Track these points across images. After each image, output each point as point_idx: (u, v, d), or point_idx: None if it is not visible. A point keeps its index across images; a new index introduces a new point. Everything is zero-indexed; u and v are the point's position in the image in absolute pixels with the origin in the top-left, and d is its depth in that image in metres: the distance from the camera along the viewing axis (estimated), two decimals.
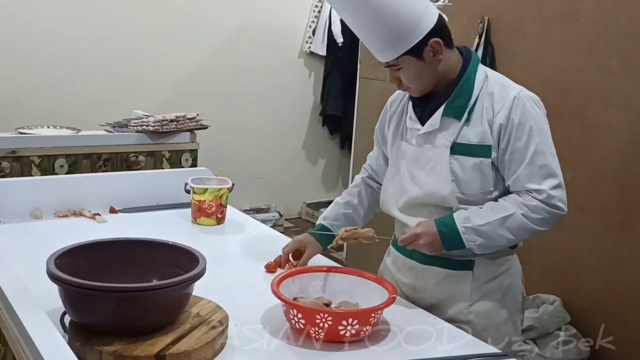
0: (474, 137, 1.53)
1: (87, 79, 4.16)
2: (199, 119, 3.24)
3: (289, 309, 1.38)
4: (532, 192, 1.50)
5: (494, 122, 1.52)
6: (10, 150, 2.74)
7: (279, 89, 5.00)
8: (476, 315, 1.58)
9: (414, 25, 1.48)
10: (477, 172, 1.54)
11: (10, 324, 1.20)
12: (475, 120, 1.54)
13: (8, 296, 1.23)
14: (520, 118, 1.51)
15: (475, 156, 1.53)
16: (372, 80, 3.70)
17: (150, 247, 1.46)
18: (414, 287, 1.65)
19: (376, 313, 1.37)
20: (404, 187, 1.64)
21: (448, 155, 1.55)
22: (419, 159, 1.61)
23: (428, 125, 1.58)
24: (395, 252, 1.73)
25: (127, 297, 1.22)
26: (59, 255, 1.32)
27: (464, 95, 1.55)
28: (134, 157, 3.02)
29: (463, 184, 1.54)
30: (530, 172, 1.50)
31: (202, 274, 1.31)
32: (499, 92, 1.54)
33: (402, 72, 1.54)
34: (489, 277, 1.60)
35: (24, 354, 1.11)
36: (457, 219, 1.51)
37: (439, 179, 1.56)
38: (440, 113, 1.56)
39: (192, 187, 2.13)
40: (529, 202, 1.50)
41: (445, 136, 1.56)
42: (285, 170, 5.17)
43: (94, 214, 2.12)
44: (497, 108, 1.52)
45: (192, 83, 4.59)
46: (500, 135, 1.52)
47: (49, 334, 1.10)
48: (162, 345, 1.22)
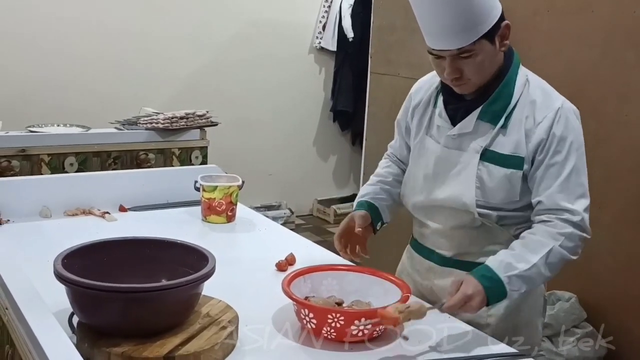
0: (508, 147, 1.46)
1: (96, 77, 4.16)
2: (209, 116, 3.23)
3: (300, 308, 1.35)
4: (565, 212, 1.43)
5: (534, 133, 1.44)
6: (20, 148, 2.73)
7: (289, 85, 4.97)
8: (496, 318, 1.54)
9: (490, 5, 1.41)
10: (506, 183, 1.47)
11: (17, 326, 1.18)
12: (512, 128, 1.46)
13: (16, 298, 1.21)
14: (562, 132, 1.44)
15: (507, 167, 1.46)
16: (383, 75, 3.66)
17: (159, 246, 1.43)
18: (431, 289, 1.62)
19: None
20: (426, 186, 1.58)
21: (477, 161, 1.48)
22: (445, 160, 1.54)
23: (460, 127, 1.51)
24: (413, 253, 1.69)
25: (135, 298, 1.20)
26: (67, 255, 1.30)
27: (503, 99, 1.47)
28: (143, 154, 3.01)
29: (488, 192, 1.48)
30: (566, 189, 1.43)
31: (211, 274, 1.29)
32: (541, 101, 1.46)
33: (470, 61, 1.41)
34: None
35: (31, 356, 1.09)
36: (496, 269, 1.39)
37: (463, 184, 1.50)
38: (475, 116, 1.48)
39: (201, 184, 2.10)
40: (562, 230, 1.42)
41: (478, 141, 1.49)
42: (296, 167, 5.14)
43: (104, 212, 2.10)
44: (538, 118, 1.45)
45: (202, 80, 4.58)
46: (539, 148, 1.44)
47: (57, 336, 1.08)
48: (171, 346, 1.20)
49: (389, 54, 3.49)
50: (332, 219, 5.14)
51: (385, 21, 3.52)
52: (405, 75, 3.41)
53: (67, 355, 1.02)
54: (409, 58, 3.29)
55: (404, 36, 3.34)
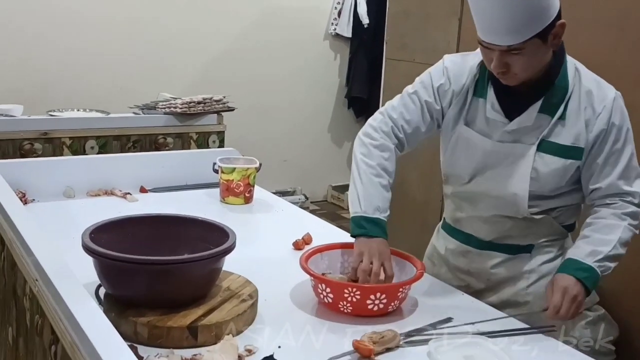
0: (568, 138, 1.47)
1: (115, 63, 4.21)
2: (226, 101, 3.26)
3: (317, 283, 1.39)
4: (627, 195, 1.49)
5: (594, 124, 1.46)
6: (43, 132, 2.78)
7: (304, 71, 5.00)
8: (534, 296, 1.58)
9: (548, 4, 1.37)
10: (560, 173, 1.49)
11: (48, 296, 1.24)
12: (570, 119, 1.47)
13: (46, 269, 1.26)
14: (620, 121, 1.48)
15: (566, 157, 1.48)
16: (398, 61, 3.67)
17: (181, 223, 1.48)
18: (468, 271, 1.64)
19: (404, 288, 1.38)
20: (471, 176, 1.57)
21: (534, 153, 1.48)
22: (498, 152, 1.52)
23: (519, 121, 1.49)
24: (448, 237, 1.70)
25: (160, 270, 1.25)
26: (94, 229, 1.35)
27: (560, 90, 1.47)
28: (162, 139, 3.06)
29: (541, 182, 1.49)
30: (627, 174, 1.49)
31: (232, 248, 1.33)
32: (597, 92, 1.48)
33: (519, 58, 1.39)
34: (546, 258, 1.59)
35: (62, 323, 1.14)
36: (584, 259, 1.43)
37: (517, 174, 1.50)
38: (535, 109, 1.47)
39: (220, 166, 2.15)
40: (626, 210, 1.48)
41: (535, 133, 1.49)
42: (311, 153, 5.18)
43: (125, 193, 2.15)
44: (597, 109, 1.46)
45: (218, 66, 4.61)
46: (599, 139, 1.47)
47: (86, 304, 1.13)
48: (194, 317, 1.25)
49: (405, 40, 3.50)
50: (346, 205, 5.18)
51: (400, 7, 3.53)
52: (420, 61, 3.41)
53: (97, 322, 1.07)
54: (424, 44, 3.29)
55: (420, 22, 3.35)
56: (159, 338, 1.20)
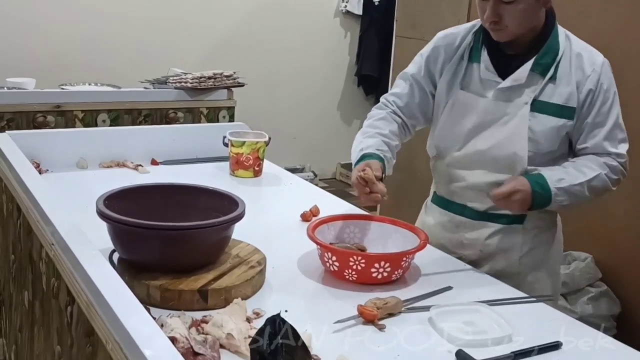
0: (559, 98, 1.54)
1: (126, 38, 4.24)
2: (236, 76, 3.29)
3: (324, 252, 1.43)
4: (612, 154, 1.55)
5: (584, 85, 1.53)
6: (55, 104, 2.83)
7: (315, 48, 5.00)
8: (526, 267, 1.62)
9: None
10: (554, 133, 1.54)
11: (64, 259, 1.28)
12: (561, 79, 1.54)
13: (62, 234, 1.31)
14: (608, 84, 1.55)
15: (559, 117, 1.54)
16: (409, 39, 3.68)
17: (192, 192, 1.53)
18: (462, 243, 1.67)
19: (407, 257, 1.42)
20: (468, 139, 1.60)
21: (528, 111, 1.54)
22: (492, 112, 1.57)
23: (512, 79, 1.55)
24: (440, 210, 1.72)
25: (172, 236, 1.29)
26: (108, 196, 1.40)
27: (552, 51, 1.54)
28: (173, 113, 3.10)
29: (537, 142, 1.54)
30: (612, 136, 1.55)
31: (241, 216, 1.37)
32: (587, 55, 1.55)
33: (512, 8, 1.47)
34: (539, 229, 1.63)
35: (78, 285, 1.19)
36: (549, 180, 1.51)
37: (513, 134, 1.55)
38: (528, 68, 1.53)
39: (230, 140, 2.19)
40: (610, 162, 1.55)
41: (527, 92, 1.55)
42: (321, 130, 5.20)
43: (137, 165, 2.20)
44: (587, 71, 1.53)
45: (229, 42, 4.63)
46: (588, 99, 1.53)
47: (101, 265, 1.17)
48: (205, 281, 1.29)
49: (415, 18, 3.51)
50: None
51: None
52: (430, 39, 3.43)
53: (112, 282, 1.12)
54: (434, 22, 3.29)
55: (430, 0, 3.35)
56: (171, 300, 1.25)
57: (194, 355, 1.05)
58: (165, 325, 1.10)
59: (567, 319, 1.36)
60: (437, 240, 1.67)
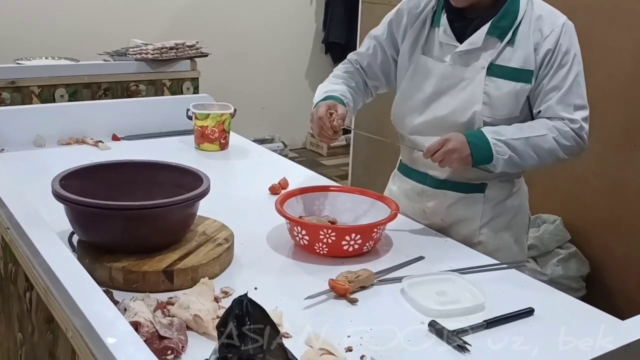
0: (517, 61, 1.50)
1: (83, 9, 4.08)
2: (199, 46, 3.19)
3: (293, 226, 1.40)
4: (565, 120, 1.50)
5: (542, 46, 1.49)
6: (10, 80, 2.71)
7: (280, 16, 4.90)
8: (487, 237, 1.60)
9: None
10: (512, 97, 1.51)
11: (20, 244, 1.23)
12: (519, 42, 1.50)
13: (17, 217, 1.25)
14: (568, 45, 1.50)
15: (516, 81, 1.50)
16: (375, 4, 3.61)
17: (154, 168, 1.47)
18: (423, 212, 1.65)
19: (378, 228, 1.40)
20: (427, 105, 1.58)
21: (484, 75, 1.51)
22: (450, 77, 1.55)
23: (468, 43, 1.52)
24: (404, 178, 1.71)
25: (134, 215, 1.24)
26: (64, 176, 1.33)
27: (510, 14, 1.51)
28: (134, 86, 3.00)
29: (494, 107, 1.51)
30: (567, 100, 1.50)
31: (206, 193, 1.33)
32: (547, 16, 1.51)
33: None
34: (500, 198, 1.61)
35: (35, 270, 1.14)
36: (486, 132, 1.47)
37: (470, 99, 1.52)
38: (484, 31, 1.50)
39: (194, 112, 2.12)
40: (560, 127, 1.49)
41: (484, 56, 1.52)
42: (289, 100, 5.13)
43: (97, 141, 2.12)
44: (545, 32, 1.49)
45: (192, 12, 4.50)
46: (545, 60, 1.49)
47: (59, 250, 1.12)
48: (170, 261, 1.25)
49: None
50: (326, 152, 5.18)
51: None
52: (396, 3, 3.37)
53: (70, 267, 1.07)
54: None
55: None
56: (135, 282, 1.21)
57: (159, 340, 1.01)
58: (129, 309, 1.06)
59: (539, 285, 1.35)
60: (401, 209, 1.64)
